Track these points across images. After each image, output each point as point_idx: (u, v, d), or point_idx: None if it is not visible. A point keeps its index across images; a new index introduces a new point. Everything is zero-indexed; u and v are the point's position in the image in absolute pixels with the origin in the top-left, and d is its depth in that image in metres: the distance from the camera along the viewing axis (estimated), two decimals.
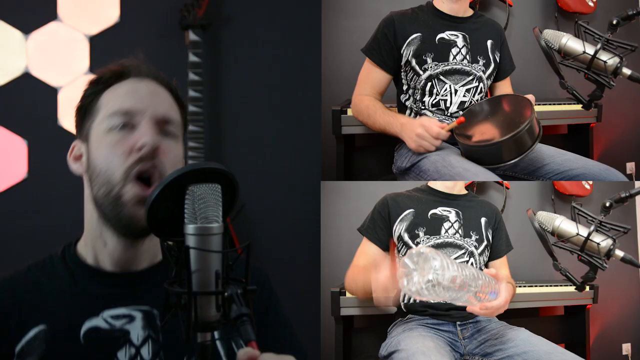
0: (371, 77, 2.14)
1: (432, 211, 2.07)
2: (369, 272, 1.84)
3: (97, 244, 1.27)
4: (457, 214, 2.07)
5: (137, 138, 1.22)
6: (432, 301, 1.99)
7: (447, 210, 2.07)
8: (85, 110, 1.29)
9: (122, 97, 1.25)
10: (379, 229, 2.07)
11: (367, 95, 2.13)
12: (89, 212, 1.28)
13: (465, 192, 2.16)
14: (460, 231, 2.05)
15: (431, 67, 2.07)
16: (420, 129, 1.97)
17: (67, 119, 2.76)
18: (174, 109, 1.30)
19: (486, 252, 2.09)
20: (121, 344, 1.21)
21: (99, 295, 1.24)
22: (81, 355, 1.19)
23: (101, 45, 2.79)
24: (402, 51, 2.08)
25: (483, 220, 2.10)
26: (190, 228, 0.97)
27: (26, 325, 1.21)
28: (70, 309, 1.23)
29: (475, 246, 2.05)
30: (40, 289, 1.25)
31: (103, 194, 1.22)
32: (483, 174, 1.93)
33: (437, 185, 2.11)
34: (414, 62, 2.08)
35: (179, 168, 0.98)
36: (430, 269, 1.52)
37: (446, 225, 2.05)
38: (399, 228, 2.04)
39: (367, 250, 2.07)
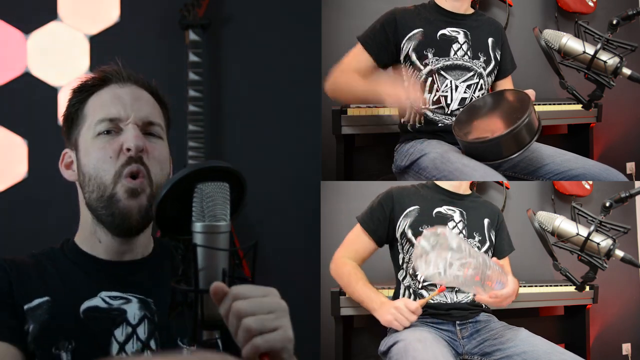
0: (356, 62, 2.11)
1: (437, 209, 2.07)
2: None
3: (92, 240, 1.34)
4: (461, 213, 2.07)
5: (123, 141, 1.29)
6: (433, 300, 1.99)
7: (452, 210, 2.07)
8: (72, 118, 1.36)
9: (107, 104, 1.32)
10: (376, 220, 2.09)
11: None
12: (84, 215, 1.36)
13: (469, 192, 2.16)
14: (464, 232, 2.05)
15: (432, 62, 2.07)
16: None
17: None
18: (156, 110, 1.36)
19: (489, 253, 2.09)
20: (118, 323, 1.26)
21: (97, 279, 1.30)
22: (80, 331, 1.24)
23: (101, 45, 2.79)
24: (401, 45, 2.09)
25: (486, 221, 2.10)
26: (198, 226, 0.97)
27: (30, 296, 1.25)
28: (71, 287, 1.29)
29: (478, 247, 2.05)
30: (44, 269, 1.31)
31: (96, 197, 1.30)
32: (482, 169, 1.93)
33: (444, 183, 2.11)
34: (414, 57, 2.08)
35: (187, 167, 0.99)
36: (448, 250, 1.52)
37: (450, 225, 2.05)
38: (403, 224, 2.05)
39: (359, 240, 2.13)
